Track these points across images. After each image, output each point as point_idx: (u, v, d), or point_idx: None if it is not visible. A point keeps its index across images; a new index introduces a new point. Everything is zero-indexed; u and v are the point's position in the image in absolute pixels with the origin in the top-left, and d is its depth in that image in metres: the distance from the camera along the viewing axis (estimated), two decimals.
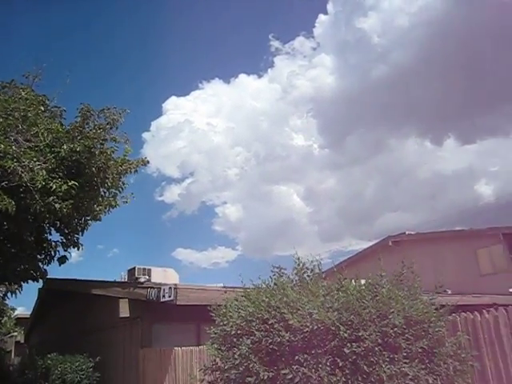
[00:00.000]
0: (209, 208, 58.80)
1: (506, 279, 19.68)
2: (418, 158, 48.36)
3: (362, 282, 4.19)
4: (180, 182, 62.83)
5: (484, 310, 4.47)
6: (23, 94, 8.63)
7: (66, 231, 10.17)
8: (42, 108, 8.79)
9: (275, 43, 53.87)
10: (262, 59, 64.91)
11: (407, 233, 24.36)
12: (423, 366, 3.68)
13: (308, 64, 52.68)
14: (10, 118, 7.92)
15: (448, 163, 48.55)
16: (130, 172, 9.74)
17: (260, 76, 69.02)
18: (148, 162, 10.16)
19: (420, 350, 3.74)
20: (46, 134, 8.22)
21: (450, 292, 17.32)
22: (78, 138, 8.69)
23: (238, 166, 55.47)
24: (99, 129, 8.90)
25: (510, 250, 20.49)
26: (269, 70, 63.64)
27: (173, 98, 52.03)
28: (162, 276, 11.37)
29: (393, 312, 3.71)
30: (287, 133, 52.01)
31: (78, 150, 8.45)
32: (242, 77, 58.29)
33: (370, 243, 25.18)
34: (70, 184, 8.19)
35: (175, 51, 49.48)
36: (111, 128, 9.10)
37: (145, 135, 47.90)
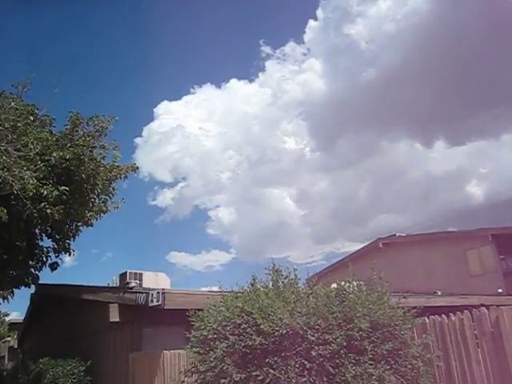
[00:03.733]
0: (202, 211, 59.01)
1: (494, 280, 19.99)
2: (408, 160, 48.83)
3: (333, 285, 4.41)
4: (173, 187, 62.94)
5: (451, 313, 4.69)
6: (13, 104, 8.81)
7: (58, 237, 10.35)
8: (32, 118, 8.98)
9: (266, 48, 54.29)
10: (252, 64, 65.28)
11: (397, 235, 24.63)
12: (388, 367, 3.90)
13: (298, 69, 53.08)
14: (0, 128, 8.10)
15: (438, 165, 49.04)
16: (120, 178, 9.95)
17: (251, 81, 69.36)
18: (137, 168, 10.39)
19: (385, 352, 3.96)
20: (35, 143, 8.41)
21: (440, 293, 17.62)
22: (68, 145, 8.90)
23: (231, 169, 55.77)
24: (88, 136, 9.11)
25: (498, 250, 20.77)
26: (260, 74, 64.04)
27: (164, 103, 52.19)
28: (154, 280, 11.52)
29: (359, 316, 3.93)
30: (278, 136, 52.34)
31: (67, 157, 8.66)
32: (233, 82, 58.54)
33: (362, 245, 25.49)
34: (60, 189, 8.39)
35: (166, 56, 49.64)
36: (100, 135, 9.31)
37: (137, 140, 48.01)
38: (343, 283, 4.37)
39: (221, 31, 51.76)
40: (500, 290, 19.04)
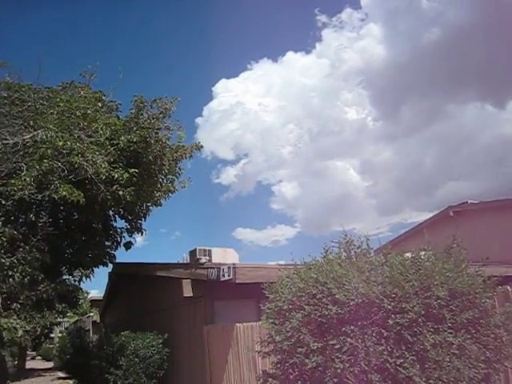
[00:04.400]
0: (265, 187, 59.51)
1: None
2: (478, 123, 46.02)
3: (407, 255, 4.32)
4: (235, 164, 63.85)
5: None
6: (82, 92, 9.25)
7: (130, 218, 10.88)
8: (100, 104, 9.40)
9: (322, 17, 52.84)
10: (308, 35, 63.86)
11: (469, 202, 23.41)
12: (469, 336, 3.81)
13: (356, 36, 51.24)
14: (73, 116, 8.54)
15: None
16: (185, 157, 10.23)
17: (308, 52, 68.07)
18: (202, 146, 10.61)
19: (465, 321, 3.86)
20: (104, 129, 8.80)
21: None
22: (134, 129, 9.24)
23: (292, 143, 55.47)
24: (153, 118, 9.40)
25: None
26: (316, 45, 62.59)
27: (223, 81, 52.70)
28: (222, 256, 11.81)
29: (436, 284, 3.84)
30: (339, 107, 51.17)
31: (134, 140, 9.01)
32: (290, 54, 57.78)
33: (431, 214, 24.57)
34: (130, 172, 8.77)
35: (221, 34, 49.73)
36: (164, 117, 9.58)
37: (198, 120, 48.89)
38: (418, 251, 4.27)
39: (274, 3, 51.01)
40: None
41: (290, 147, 57.44)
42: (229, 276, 7.46)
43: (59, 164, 7.82)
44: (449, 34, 39.18)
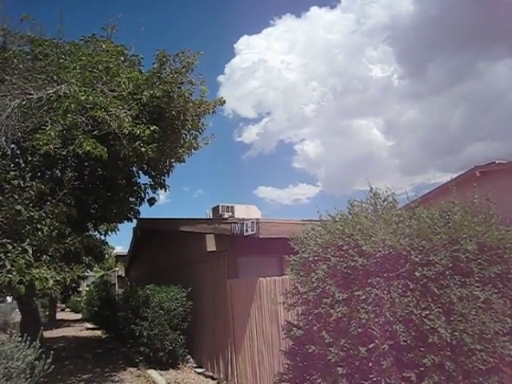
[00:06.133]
0: (287, 146, 59.14)
1: None
2: (510, 81, 44.32)
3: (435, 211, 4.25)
4: (257, 122, 63.34)
5: None
6: (104, 46, 9.16)
7: (153, 174, 10.98)
8: (122, 58, 9.31)
9: None
10: None
11: (497, 162, 22.85)
12: (496, 291, 3.76)
13: None
14: (95, 70, 8.50)
15: None
16: (208, 113, 10.17)
17: (332, 7, 65.78)
18: (224, 101, 10.49)
19: (493, 275, 3.81)
20: (127, 83, 8.75)
21: None
22: (157, 83, 9.16)
23: (315, 101, 54.56)
24: (176, 73, 9.30)
25: None
26: None
27: (245, 38, 51.57)
28: (245, 212, 11.87)
29: (465, 238, 3.78)
30: (364, 65, 49.78)
31: (157, 95, 8.95)
32: (314, 10, 55.91)
33: (455, 175, 24.13)
34: (152, 128, 8.76)
35: None
36: (187, 71, 9.47)
37: (219, 78, 48.29)
38: (447, 204, 4.20)
39: None
40: None
41: (313, 105, 56.59)
42: (252, 231, 7.51)
43: (83, 118, 7.86)
44: None
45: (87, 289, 31.37)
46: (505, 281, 3.92)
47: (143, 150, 8.87)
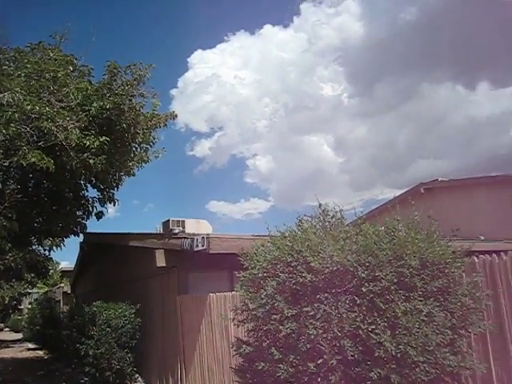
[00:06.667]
0: (239, 160, 59.45)
1: None
2: (450, 103, 46.94)
3: (381, 228, 4.39)
4: (210, 136, 63.35)
5: (502, 252, 4.61)
6: (52, 54, 8.87)
7: (102, 187, 10.67)
8: (71, 68, 9.03)
9: None
10: (287, 9, 63.03)
11: (440, 179, 24.01)
12: (437, 304, 3.93)
13: (334, 12, 50.92)
14: (42, 79, 8.21)
15: (482, 108, 46.94)
16: (160, 126, 10.02)
17: (285, 26, 67.33)
18: (176, 115, 10.38)
19: (435, 290, 3.97)
20: (76, 94, 8.51)
21: (483, 238, 17.33)
22: (107, 95, 8.96)
23: (267, 117, 55.34)
24: (127, 85, 9.12)
25: None
26: (294, 19, 61.85)
27: (199, 52, 51.65)
28: (196, 227, 11.76)
29: (409, 254, 3.93)
30: (315, 83, 51.13)
31: (107, 107, 8.75)
32: (268, 28, 56.94)
33: (402, 191, 25.10)
34: (101, 140, 8.53)
35: (198, 3, 48.44)
36: (138, 84, 9.30)
37: (172, 92, 48.00)
38: (392, 221, 4.35)
39: None
40: None
41: (266, 121, 57.36)
42: (202, 246, 7.45)
43: (27, 129, 7.55)
44: (425, 14, 39.50)
45: (29, 306, 29.87)
46: (445, 294, 4.10)
47: (92, 162, 8.61)
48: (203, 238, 7.49)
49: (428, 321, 3.86)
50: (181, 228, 10.40)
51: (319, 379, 3.86)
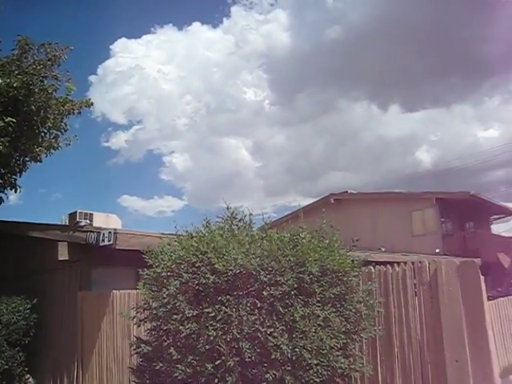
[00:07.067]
0: (156, 156, 58.20)
1: (434, 240, 21.27)
2: (364, 121, 49.87)
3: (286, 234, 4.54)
4: (127, 129, 61.38)
5: (395, 264, 4.96)
6: None
7: (3, 171, 9.89)
8: None
9: None
10: (217, 9, 63.05)
11: (349, 191, 25.39)
12: (334, 310, 4.13)
13: (264, 19, 51.91)
14: None
15: (392, 128, 50.47)
16: (73, 113, 9.47)
17: (214, 26, 67.27)
18: (92, 103, 9.88)
19: (333, 296, 4.18)
20: None
21: (383, 249, 18.52)
22: (15, 72, 8.31)
23: (188, 115, 54.84)
24: (39, 65, 8.52)
25: (441, 214, 22.00)
26: (224, 20, 62.01)
27: (123, 40, 49.82)
28: (105, 221, 11.42)
29: (310, 261, 4.09)
30: (239, 86, 51.68)
31: (15, 85, 8.11)
32: (196, 25, 56.53)
33: (314, 200, 26.16)
34: (6, 121, 7.92)
35: None
36: (52, 65, 8.72)
37: (91, 78, 45.82)
38: (297, 229, 4.50)
39: None
40: (437, 250, 20.29)
41: (186, 119, 56.75)
42: (109, 241, 7.20)
43: None
44: (348, 34, 41.68)
45: None
46: (342, 301, 4.32)
47: None
48: (110, 232, 7.24)
49: (324, 325, 4.04)
50: (88, 221, 10.01)
51: (216, 380, 3.89)
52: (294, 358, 3.86)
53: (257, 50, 51.80)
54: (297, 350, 3.86)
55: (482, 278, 4.34)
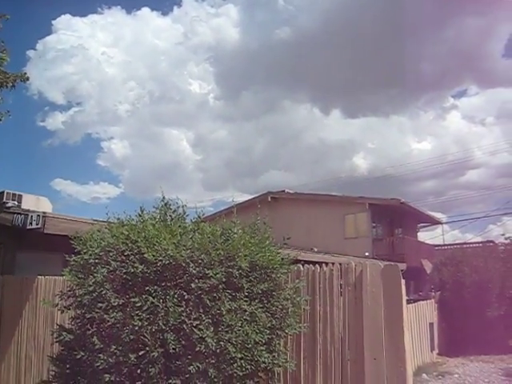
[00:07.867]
0: (94, 141, 56.21)
1: (364, 244, 22.12)
2: (306, 123, 50.92)
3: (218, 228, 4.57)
4: (65, 110, 58.86)
5: (323, 263, 5.14)
6: None
7: None
8: None
9: None
10: None
11: (286, 191, 25.86)
12: (261, 306, 4.22)
13: (215, 12, 51.56)
14: None
15: (332, 132, 51.94)
16: (6, 86, 8.95)
17: (164, 14, 65.91)
18: (28, 78, 9.35)
19: (261, 292, 4.27)
20: None
21: (316, 250, 19.01)
22: None
23: (130, 102, 53.43)
24: None
25: (373, 218, 22.91)
26: (174, 8, 60.89)
27: (67, 17, 47.63)
28: (34, 204, 10.86)
29: (240, 256, 4.15)
30: (184, 77, 51.05)
31: None
32: (146, 11, 55.16)
33: (252, 196, 26.41)
34: None
35: None
36: None
37: (29, 53, 43.44)
38: (229, 223, 4.55)
39: None
40: (367, 254, 21.12)
41: (128, 105, 55.24)
42: (37, 224, 6.90)
43: None
44: (297, 36, 42.37)
45: None
46: (269, 297, 4.43)
47: None
48: (39, 215, 6.94)
49: (250, 320, 4.12)
50: (16, 202, 9.50)
51: (139, 371, 3.86)
52: (218, 351, 3.90)
53: (205, 42, 51.40)
54: (222, 343, 3.91)
55: (403, 281, 4.59)
